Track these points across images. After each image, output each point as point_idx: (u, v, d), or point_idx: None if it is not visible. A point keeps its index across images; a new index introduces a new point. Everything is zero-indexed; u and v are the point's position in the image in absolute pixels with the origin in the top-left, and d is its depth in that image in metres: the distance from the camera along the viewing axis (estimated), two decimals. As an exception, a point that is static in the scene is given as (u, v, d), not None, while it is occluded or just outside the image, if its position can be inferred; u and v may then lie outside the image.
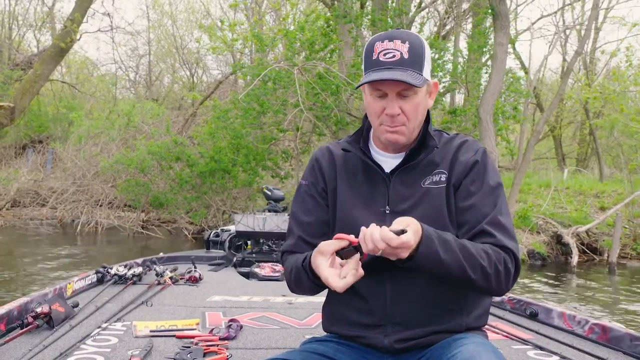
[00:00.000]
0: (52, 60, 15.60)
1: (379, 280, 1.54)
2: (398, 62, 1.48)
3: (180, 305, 3.25)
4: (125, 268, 3.78)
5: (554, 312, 3.05)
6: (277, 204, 5.88)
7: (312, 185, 1.68)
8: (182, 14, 24.98)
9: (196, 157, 11.62)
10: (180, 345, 2.35)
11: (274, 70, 10.38)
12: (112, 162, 12.51)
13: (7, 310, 2.51)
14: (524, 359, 2.45)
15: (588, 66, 19.88)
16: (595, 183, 14.93)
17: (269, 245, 5.31)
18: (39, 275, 7.53)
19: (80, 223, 12.44)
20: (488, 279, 1.44)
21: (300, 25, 11.25)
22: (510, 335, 2.77)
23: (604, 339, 2.68)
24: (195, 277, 4.00)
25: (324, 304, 1.70)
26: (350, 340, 1.59)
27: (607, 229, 11.18)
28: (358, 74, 10.26)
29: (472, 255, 1.41)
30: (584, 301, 7.27)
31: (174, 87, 25.48)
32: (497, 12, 9.62)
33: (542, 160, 23.16)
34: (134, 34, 23.95)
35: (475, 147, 1.61)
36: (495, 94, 9.94)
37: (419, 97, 1.52)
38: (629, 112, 12.31)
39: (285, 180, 12.05)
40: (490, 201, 1.53)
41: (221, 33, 14.97)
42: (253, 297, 3.58)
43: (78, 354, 2.22)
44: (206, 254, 5.31)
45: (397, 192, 1.57)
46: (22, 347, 2.24)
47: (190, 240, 11.67)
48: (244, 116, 10.93)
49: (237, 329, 2.62)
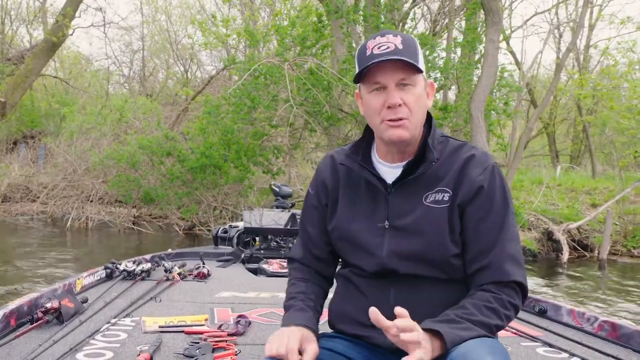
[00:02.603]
0: (43, 55, 15.56)
1: (384, 284, 1.54)
2: (393, 51, 1.45)
3: (189, 301, 3.25)
4: (134, 264, 3.79)
5: (563, 309, 3.03)
6: (285, 200, 5.83)
7: (316, 196, 1.68)
8: (176, 10, 24.94)
9: (187, 153, 11.58)
10: (189, 341, 2.34)
11: (266, 65, 10.34)
12: (102, 157, 12.47)
13: (17, 306, 2.52)
14: (533, 356, 2.43)
15: (582, 63, 19.92)
16: (587, 180, 14.97)
17: (277, 242, 5.30)
18: (27, 271, 7.49)
19: (70, 218, 12.40)
20: (501, 327, 1.46)
21: (291, 21, 11.22)
22: (519, 333, 2.75)
23: (613, 337, 2.65)
24: (204, 273, 4.00)
25: (331, 301, 1.70)
26: (354, 338, 1.59)
27: (598, 225, 11.20)
28: (349, 70, 10.25)
29: (483, 323, 1.40)
30: (573, 297, 7.29)
31: (168, 82, 25.43)
32: (487, 8, 9.59)
33: (536, 157, 23.22)
34: (127, 29, 23.90)
35: (485, 164, 1.52)
36: (487, 90, 9.92)
37: (419, 89, 1.49)
38: (619, 108, 12.34)
39: (277, 176, 12.02)
40: (497, 227, 1.50)
41: (215, 28, 14.94)
42: (261, 293, 3.59)
43: (87, 349, 2.22)
44: (214, 250, 5.32)
45: (397, 206, 1.54)
46: (32, 342, 2.25)
47: (182, 235, 11.65)
48: (235, 111, 10.90)
49: (246, 325, 2.62)
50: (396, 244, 1.52)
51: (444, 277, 1.52)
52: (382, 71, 1.47)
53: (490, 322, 1.40)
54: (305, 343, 1.45)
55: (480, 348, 1.30)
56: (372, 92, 1.50)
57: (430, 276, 1.51)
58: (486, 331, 1.38)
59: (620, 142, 15.98)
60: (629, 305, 6.97)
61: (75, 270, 7.60)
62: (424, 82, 1.52)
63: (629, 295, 7.65)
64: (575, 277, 9.03)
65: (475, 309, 1.41)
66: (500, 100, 11.65)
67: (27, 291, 6.18)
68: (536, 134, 23.68)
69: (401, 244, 1.51)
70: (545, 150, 23.71)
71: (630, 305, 7.02)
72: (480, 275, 1.49)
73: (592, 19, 19.36)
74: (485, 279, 1.48)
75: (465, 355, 1.29)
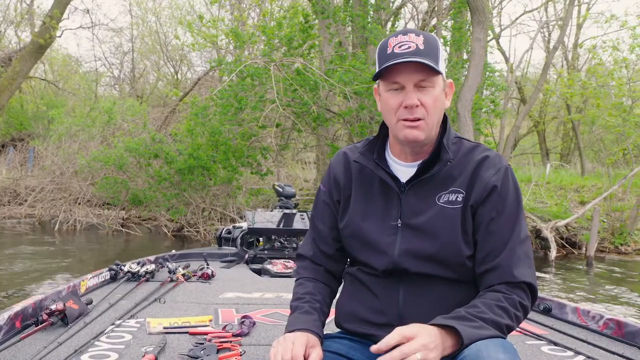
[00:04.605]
0: (31, 57, 15.46)
1: (393, 282, 1.55)
2: (414, 52, 1.45)
3: (193, 302, 3.26)
4: (138, 265, 3.80)
5: (567, 307, 3.03)
6: (289, 200, 5.80)
7: (328, 193, 1.69)
8: (166, 10, 24.86)
9: (174, 154, 11.54)
10: (193, 342, 2.35)
11: (252, 66, 10.32)
12: (89, 159, 12.40)
13: (22, 308, 2.53)
14: (538, 355, 2.42)
15: (570, 62, 20.00)
16: (576, 178, 15.03)
17: (280, 242, 5.30)
18: (15, 276, 7.44)
19: (58, 221, 12.33)
20: (512, 328, 1.45)
21: (278, 22, 11.21)
22: (524, 331, 2.74)
23: (618, 334, 2.65)
24: (208, 274, 4.02)
25: (338, 299, 1.71)
26: (361, 337, 1.59)
27: (586, 223, 11.24)
28: (336, 70, 10.25)
29: (494, 322, 1.39)
30: (560, 296, 7.31)
31: (159, 84, 25.36)
32: (473, 7, 9.61)
33: (526, 155, 23.29)
34: (117, 30, 23.84)
35: (498, 165, 1.53)
36: (474, 89, 9.95)
37: (437, 91, 1.49)
38: (605, 107, 12.40)
39: (265, 177, 12.00)
40: (509, 228, 1.50)
41: (205, 29, 14.89)
42: (265, 294, 3.59)
43: (92, 350, 2.23)
44: (218, 251, 5.32)
45: (410, 206, 1.54)
46: (37, 344, 2.26)
47: (170, 238, 11.60)
48: (222, 112, 10.88)
49: (250, 326, 2.63)
50: (408, 243, 1.52)
51: (454, 278, 1.52)
52: (401, 71, 1.47)
53: (502, 321, 1.40)
54: (309, 348, 1.45)
55: (493, 346, 1.30)
56: (390, 90, 1.50)
57: (440, 276, 1.52)
58: (497, 330, 1.38)
59: (609, 140, 16.06)
60: (616, 303, 6.99)
61: (64, 274, 7.56)
62: (443, 82, 1.52)
63: (615, 292, 7.68)
64: (563, 274, 9.05)
65: (486, 307, 1.41)
66: (488, 99, 11.69)
67: (13, 296, 6.14)
68: (527, 132, 23.77)
69: (413, 243, 1.52)
70: (536, 148, 23.79)
71: (616, 302, 7.04)
72: (491, 276, 1.49)
73: (580, 17, 19.47)
74: (495, 279, 1.48)
75: (478, 352, 1.28)
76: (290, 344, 1.43)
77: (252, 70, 10.33)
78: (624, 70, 12.82)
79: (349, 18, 10.90)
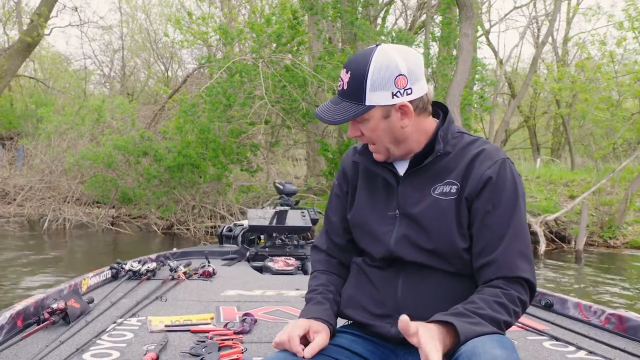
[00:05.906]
0: (19, 56, 15.38)
1: (393, 273, 1.57)
2: (341, 92, 1.53)
3: (195, 300, 3.25)
4: (139, 264, 3.78)
5: (569, 302, 3.02)
6: (290, 197, 5.79)
7: (339, 186, 1.75)
8: (156, 8, 24.75)
9: (163, 152, 11.50)
10: (195, 340, 2.34)
11: (241, 63, 10.29)
12: (77, 157, 12.34)
13: (24, 307, 2.52)
14: (539, 350, 2.41)
15: (560, 57, 20.08)
16: (566, 172, 15.11)
17: (282, 239, 5.25)
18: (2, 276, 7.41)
19: (47, 220, 12.26)
20: (510, 324, 1.45)
21: (266, 18, 11.18)
22: (525, 326, 2.73)
23: (620, 329, 2.63)
24: (209, 272, 3.99)
25: (344, 288, 1.73)
26: (361, 327, 1.61)
27: (576, 217, 11.30)
28: (325, 66, 10.24)
29: (492, 318, 1.39)
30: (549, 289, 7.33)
31: (149, 82, 25.25)
32: (461, 3, 9.63)
33: (517, 150, 23.39)
34: (106, 28, 23.70)
35: (494, 158, 1.52)
36: (462, 85, 9.97)
37: (372, 122, 1.51)
38: (593, 101, 12.46)
39: (255, 174, 11.98)
40: (505, 221, 1.49)
41: (195, 26, 14.81)
42: (267, 291, 3.58)
43: (94, 349, 2.23)
44: (219, 248, 5.29)
45: (406, 196, 1.57)
46: (39, 342, 2.25)
47: (160, 235, 11.58)
48: (211, 109, 10.84)
49: (252, 323, 2.62)
50: (404, 232, 1.55)
51: (452, 271, 1.53)
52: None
53: (500, 317, 1.39)
54: (312, 333, 1.47)
55: (490, 342, 1.30)
56: None
57: (437, 268, 1.53)
58: (495, 327, 1.38)
59: (598, 135, 16.14)
60: (605, 296, 7.04)
61: (55, 273, 7.53)
62: (381, 110, 1.50)
63: (604, 285, 7.73)
64: (552, 268, 9.11)
65: (484, 303, 1.41)
66: (477, 95, 11.71)
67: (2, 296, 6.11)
68: (517, 127, 23.87)
69: (408, 232, 1.54)
70: (527, 143, 23.90)
71: (605, 295, 7.09)
72: (488, 270, 1.48)
73: (569, 12, 19.55)
74: (492, 274, 1.47)
75: (474, 349, 1.28)
76: (289, 327, 1.46)
77: (241, 67, 10.30)
78: (611, 64, 12.87)
79: (338, 14, 10.90)
